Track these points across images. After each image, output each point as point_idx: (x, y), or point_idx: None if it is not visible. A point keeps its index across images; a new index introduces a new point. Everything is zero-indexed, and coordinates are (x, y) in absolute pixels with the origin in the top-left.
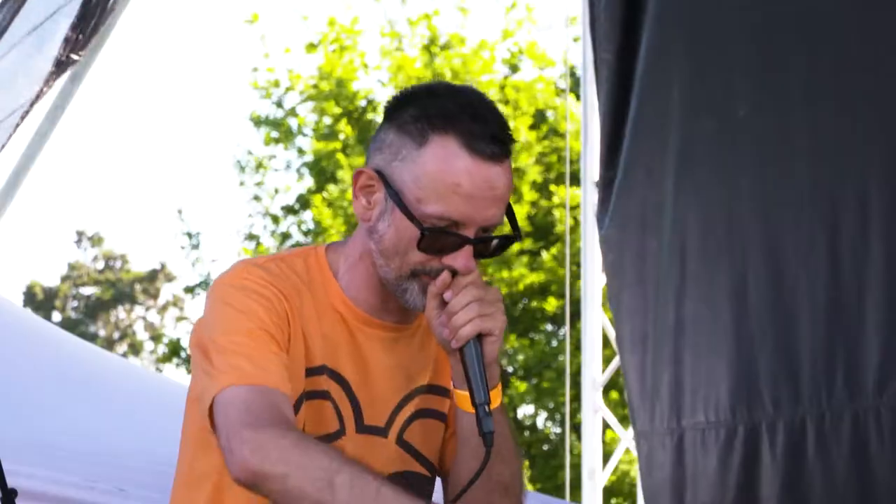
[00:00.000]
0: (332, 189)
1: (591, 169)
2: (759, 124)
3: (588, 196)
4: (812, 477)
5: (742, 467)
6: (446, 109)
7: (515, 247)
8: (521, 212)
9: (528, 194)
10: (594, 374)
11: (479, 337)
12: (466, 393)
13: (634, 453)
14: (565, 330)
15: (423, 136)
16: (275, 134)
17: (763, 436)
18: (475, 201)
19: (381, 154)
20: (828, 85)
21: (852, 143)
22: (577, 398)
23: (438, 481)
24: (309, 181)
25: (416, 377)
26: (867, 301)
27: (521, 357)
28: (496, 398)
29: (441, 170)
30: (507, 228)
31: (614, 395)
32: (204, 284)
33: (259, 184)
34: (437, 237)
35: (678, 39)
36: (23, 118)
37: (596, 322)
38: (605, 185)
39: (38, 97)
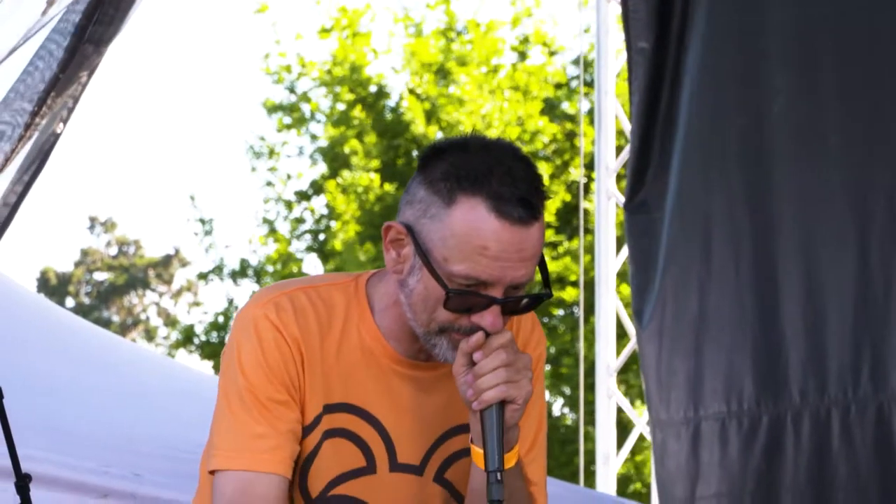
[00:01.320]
0: (346, 175)
1: (606, 155)
2: (792, 120)
3: (602, 183)
4: (836, 467)
5: (764, 457)
6: (476, 169)
7: None
8: (552, 206)
9: (564, 194)
10: (608, 360)
11: (502, 403)
12: (482, 451)
13: (649, 439)
14: (579, 315)
15: (452, 196)
16: (287, 120)
17: (788, 426)
18: (502, 263)
19: (411, 209)
20: (859, 83)
21: (882, 139)
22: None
23: None
24: (322, 167)
25: (457, 416)
26: (893, 295)
27: None
28: (511, 459)
29: (468, 233)
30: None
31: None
32: (218, 270)
33: (272, 169)
34: (464, 298)
35: (729, 35)
36: (40, 106)
37: (610, 308)
38: (636, 174)
39: (56, 80)
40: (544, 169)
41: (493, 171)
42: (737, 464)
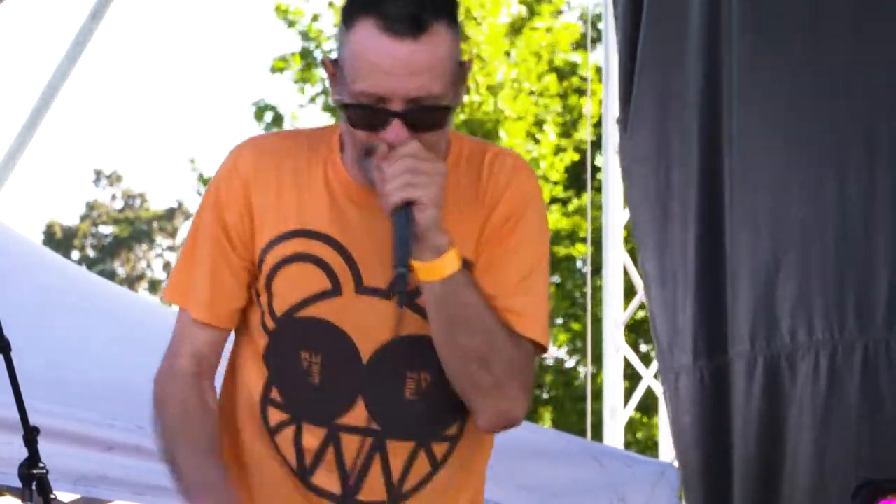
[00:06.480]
0: None
1: (613, 107)
2: (766, 62)
3: (609, 135)
4: (827, 408)
5: (764, 398)
6: None
7: (546, 195)
8: (559, 165)
9: (572, 154)
10: (615, 314)
11: (409, 206)
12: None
13: (656, 392)
14: (587, 271)
15: (351, 20)
16: (290, 74)
17: (783, 366)
18: (393, 77)
19: (337, 43)
20: (835, 24)
21: (859, 79)
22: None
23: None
24: (328, 119)
25: None
26: (876, 235)
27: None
28: (440, 269)
29: (362, 51)
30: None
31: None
32: None
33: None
34: (363, 113)
35: None
36: None
37: (617, 262)
38: (625, 119)
39: None
40: (553, 129)
41: None
42: (742, 406)
